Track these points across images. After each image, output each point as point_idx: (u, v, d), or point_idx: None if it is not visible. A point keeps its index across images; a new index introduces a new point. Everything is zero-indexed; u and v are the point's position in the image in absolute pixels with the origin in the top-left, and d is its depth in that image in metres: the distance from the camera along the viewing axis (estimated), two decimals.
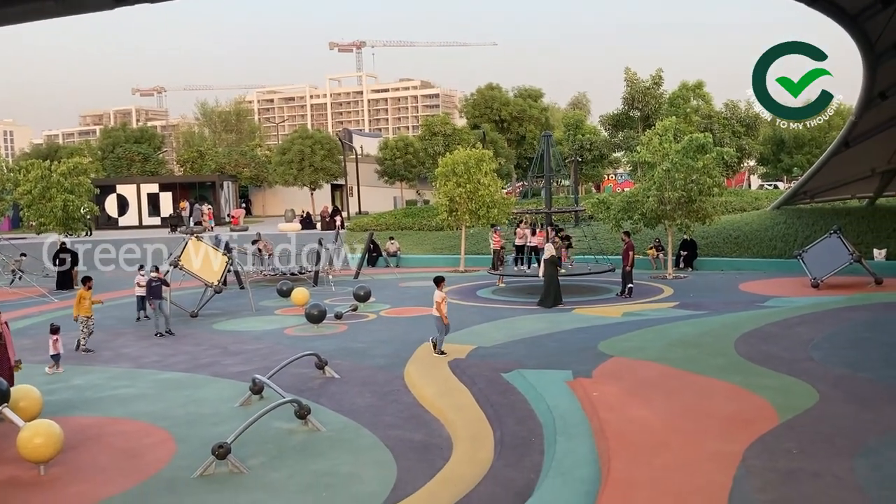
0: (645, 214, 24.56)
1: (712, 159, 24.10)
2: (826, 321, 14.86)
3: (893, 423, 8.49)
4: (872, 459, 7.34)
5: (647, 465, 7.40)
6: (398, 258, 31.74)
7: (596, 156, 51.20)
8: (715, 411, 9.19)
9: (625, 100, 47.36)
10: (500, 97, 58.58)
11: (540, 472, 7.64)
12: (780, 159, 51.47)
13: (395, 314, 18.44)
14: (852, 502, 6.38)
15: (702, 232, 27.27)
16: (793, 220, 27.69)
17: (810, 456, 7.49)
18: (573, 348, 13.27)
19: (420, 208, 43.91)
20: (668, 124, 26.44)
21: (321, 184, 52.39)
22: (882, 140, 23.81)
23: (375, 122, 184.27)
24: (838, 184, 27.16)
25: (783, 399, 9.47)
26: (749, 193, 40.75)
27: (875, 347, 12.51)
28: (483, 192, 27.85)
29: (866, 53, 18.46)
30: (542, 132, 26.71)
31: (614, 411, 9.24)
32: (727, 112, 43.38)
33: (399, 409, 10.35)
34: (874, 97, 20.78)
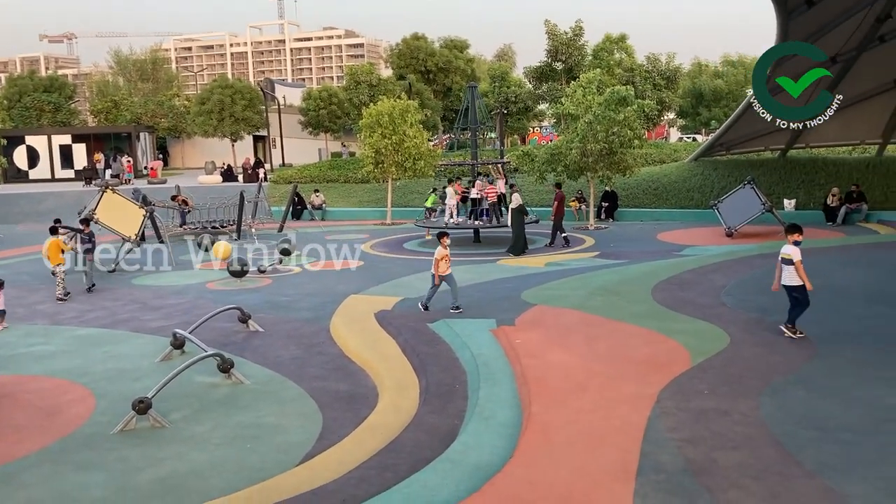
0: (568, 166, 24.89)
1: (633, 112, 24.48)
2: (738, 268, 15.48)
3: (797, 363, 8.96)
4: (777, 398, 7.75)
5: (566, 407, 7.64)
6: (323, 211, 31.43)
7: (521, 108, 51.43)
8: (632, 355, 9.51)
9: (548, 52, 47.51)
10: (425, 48, 57.86)
11: (464, 417, 7.80)
12: (698, 112, 52.69)
13: (321, 267, 18.31)
14: (757, 437, 6.73)
15: (623, 183, 27.85)
16: (709, 171, 28.51)
17: (720, 396, 7.85)
18: (497, 298, 13.47)
19: (345, 160, 43.43)
20: (591, 77, 26.68)
21: (242, 135, 51.06)
22: None
23: (299, 73, 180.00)
24: (752, 136, 28.04)
25: (696, 343, 9.87)
26: (669, 146, 41.69)
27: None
28: (409, 143, 27.69)
29: (780, 9, 18.96)
30: (468, 84, 26.56)
31: (536, 357, 9.47)
32: (649, 65, 43.99)
33: (324, 361, 10.35)
34: None
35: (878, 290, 13.10)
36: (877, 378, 8.28)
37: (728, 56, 58.19)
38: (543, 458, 6.44)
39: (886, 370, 8.55)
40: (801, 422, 7.06)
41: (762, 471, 6.04)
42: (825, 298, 12.52)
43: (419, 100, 42.72)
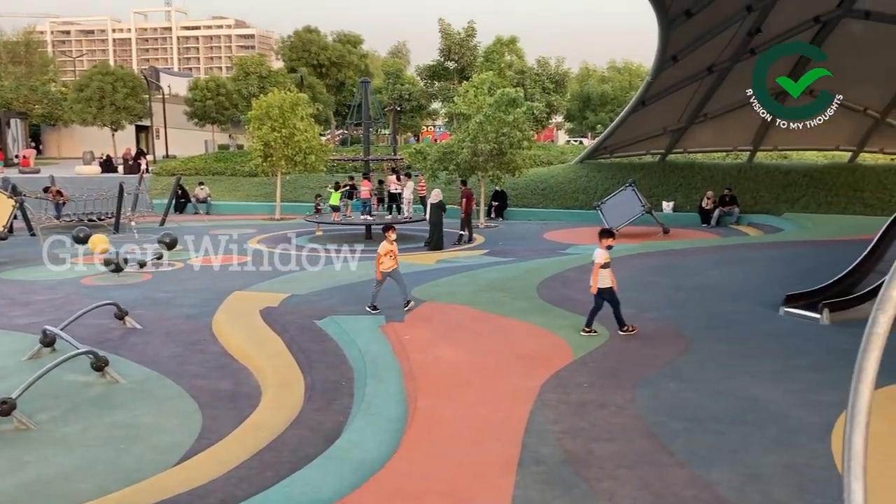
0: (459, 165, 25.17)
1: (523, 114, 25.03)
2: (619, 266, 15.93)
3: (671, 356, 9.38)
4: (651, 390, 8.09)
5: (451, 401, 7.71)
6: (208, 205, 30.53)
7: (414, 106, 51.59)
8: (517, 350, 9.70)
9: (441, 51, 47.88)
10: (318, 41, 57.17)
11: (349, 414, 7.75)
12: (585, 116, 54.41)
13: (205, 262, 17.77)
14: (632, 428, 7.00)
15: (512, 183, 28.40)
16: (594, 173, 29.48)
17: (598, 388, 8.12)
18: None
19: (233, 153, 42.36)
20: (483, 78, 27.09)
21: (124, 124, 48.96)
22: (673, 101, 25.83)
23: (186, 62, 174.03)
24: (635, 140, 29.20)
25: (578, 338, 10.17)
26: (556, 148, 42.86)
27: (660, 290, 13.73)
28: (300, 137, 27.28)
29: (661, 18, 19.80)
30: (360, 79, 26.42)
31: (424, 353, 9.51)
32: (538, 69, 45.05)
33: (206, 359, 10.05)
34: (667, 60, 22.42)
35: (745, 287, 13.89)
36: (742, 371, 8.78)
37: (614, 62, 60.37)
38: (428, 452, 6.48)
39: (750, 363, 9.08)
40: (673, 413, 7.40)
41: (636, 461, 6.28)
42: (699, 296, 13.22)
43: (311, 93, 42.20)
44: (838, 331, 10.67)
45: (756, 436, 6.84)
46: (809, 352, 9.59)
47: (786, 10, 21.47)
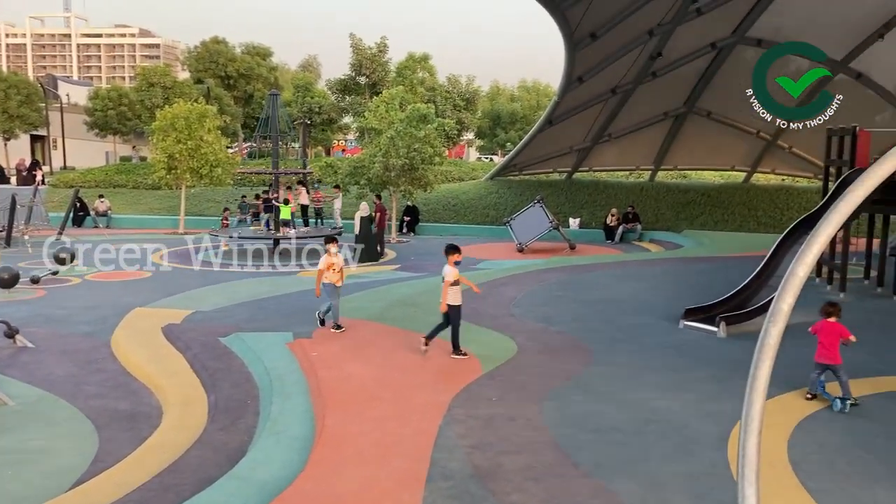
0: (371, 180, 25.09)
1: (434, 130, 25.19)
2: (527, 281, 16.31)
3: (576, 369, 9.58)
4: (557, 402, 8.23)
5: (359, 418, 7.63)
6: (109, 218, 29.38)
7: (325, 120, 51.21)
8: (427, 365, 9.71)
9: (353, 66, 47.77)
10: (226, 52, 56.07)
11: (254, 433, 7.57)
12: (495, 134, 55.23)
13: (104, 278, 17.08)
14: (539, 441, 7.10)
15: (423, 199, 28.50)
16: (504, 190, 29.92)
17: (507, 402, 8.20)
18: (295, 310, 13.25)
19: (135, 165, 40.99)
20: (394, 93, 27.17)
21: (17, 133, 46.62)
22: (579, 121, 26.54)
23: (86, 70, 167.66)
24: (543, 158, 29.81)
25: (487, 352, 10.26)
26: (467, 164, 43.31)
27: (566, 304, 14.01)
28: (206, 149, 26.63)
29: (567, 40, 20.35)
30: (269, 92, 26.04)
31: (332, 369, 9.40)
32: (449, 86, 45.50)
33: (104, 378, 9.64)
34: (573, 80, 23.03)
35: (647, 301, 14.32)
36: (644, 382, 9.05)
37: (524, 81, 61.64)
38: (335, 470, 6.39)
39: (651, 375, 9.37)
40: (579, 424, 7.55)
41: (543, 473, 6.37)
42: (603, 310, 13.55)
43: (218, 105, 41.30)
44: (734, 343, 11.13)
45: (657, 446, 7.05)
46: (707, 363, 9.97)
47: (685, 35, 22.42)
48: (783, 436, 7.33)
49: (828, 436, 7.40)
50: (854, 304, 14.15)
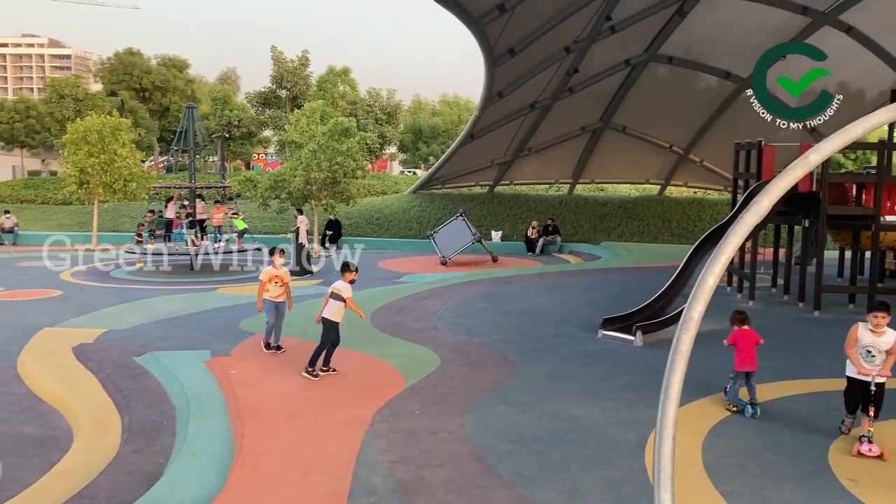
0: (292, 194, 24.81)
1: (356, 143, 25.13)
2: (450, 294, 16.38)
3: (499, 380, 9.65)
4: (480, 414, 8.27)
5: (279, 436, 7.50)
6: (15, 235, 28.11)
7: (244, 133, 50.40)
8: (349, 381, 9.62)
9: (273, 78, 47.25)
10: (141, 64, 54.61)
11: (170, 455, 7.34)
12: (418, 148, 55.43)
13: (9, 297, 16.31)
14: (462, 453, 7.12)
15: (346, 212, 28.35)
16: (427, 203, 30.03)
17: (430, 415, 8.20)
18: (214, 327, 12.94)
19: (45, 179, 39.40)
20: (315, 106, 26.98)
21: None
22: (500, 135, 26.90)
23: None
24: (465, 172, 30.08)
25: (410, 365, 10.24)
26: (390, 178, 43.30)
27: (488, 316, 14.12)
28: (120, 163, 25.86)
29: (487, 56, 20.62)
30: (186, 104, 25.48)
31: (251, 387, 9.21)
32: (370, 100, 45.48)
33: (9, 402, 9.20)
34: (493, 95, 23.34)
35: (567, 312, 14.58)
36: (564, 392, 9.19)
37: (446, 96, 62.12)
38: (254, 490, 6.25)
39: (571, 384, 9.53)
40: (501, 435, 7.60)
41: (465, 485, 6.38)
42: (525, 321, 13.71)
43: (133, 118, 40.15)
44: (650, 351, 11.43)
45: (577, 454, 7.16)
46: (624, 372, 10.20)
47: (600, 52, 23.03)
48: (698, 440, 7.56)
49: (740, 439, 7.66)
50: (762, 311, 14.74)
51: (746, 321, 8.78)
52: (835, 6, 20.68)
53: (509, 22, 19.16)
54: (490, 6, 18.32)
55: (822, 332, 13.05)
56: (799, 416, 8.43)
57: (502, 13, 18.35)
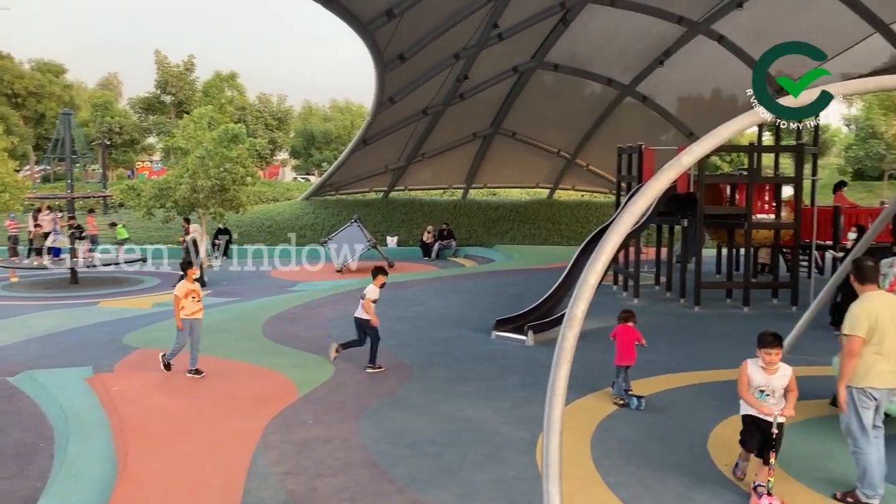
0: (178, 202, 23.99)
1: (245, 150, 24.55)
2: (344, 301, 16.25)
3: (394, 386, 9.65)
4: (374, 420, 8.24)
5: (166, 453, 7.23)
6: None
7: (127, 140, 48.43)
8: (240, 393, 9.39)
9: (157, 84, 45.68)
10: (12, 69, 51.57)
11: (48, 479, 6.95)
12: (310, 154, 54.75)
13: None
14: (355, 460, 7.07)
15: (236, 221, 27.66)
16: (321, 210, 29.70)
17: (323, 424, 8.10)
18: (95, 343, 12.37)
19: None
20: (203, 112, 26.21)
21: None
22: (393, 140, 26.93)
23: None
24: (359, 178, 29.94)
25: (303, 375, 10.09)
26: (282, 185, 42.64)
27: (383, 321, 13.77)
28: None
29: (377, 61, 20.60)
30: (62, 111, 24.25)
31: (136, 404, 8.85)
32: (260, 105, 44.64)
33: None
34: (385, 101, 23.34)
35: (462, 315, 14.74)
36: (458, 393, 9.28)
37: (336, 101, 61.61)
38: None
39: (465, 386, 9.64)
40: (395, 440, 7.60)
41: (358, 492, 6.34)
42: (420, 325, 13.78)
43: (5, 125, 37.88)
44: (541, 350, 11.69)
45: (470, 454, 7.24)
46: (516, 371, 10.40)
47: (489, 59, 23.41)
48: (586, 435, 7.78)
49: (626, 432, 7.93)
50: (647, 308, 15.35)
51: (630, 319, 9.13)
52: (707, 16, 21.79)
53: (398, 28, 19.22)
54: (378, 12, 18.31)
55: (702, 327, 13.71)
56: (681, 408, 8.81)
57: (391, 19, 18.38)
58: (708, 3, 21.23)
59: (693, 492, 6.39)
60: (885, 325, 6.02)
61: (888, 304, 6.13)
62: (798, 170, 16.01)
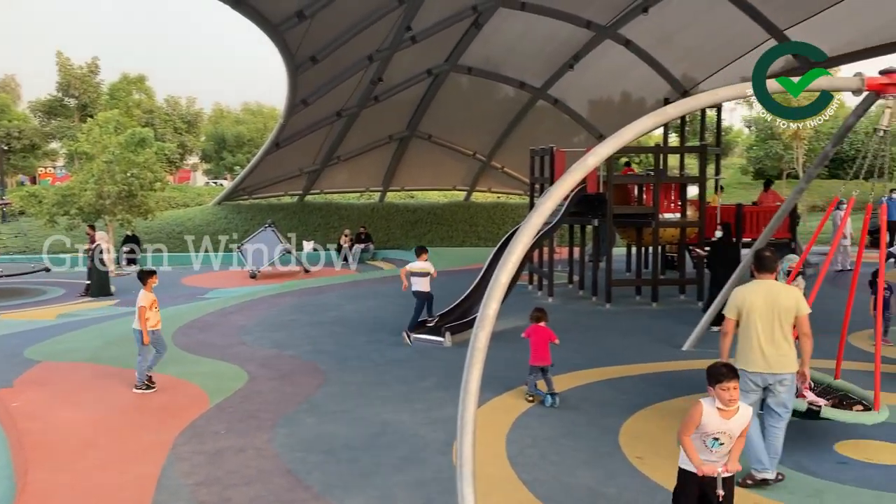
0: (83, 209, 23.14)
1: (153, 154, 23.92)
2: (259, 308, 15.98)
3: (310, 392, 9.54)
4: (289, 427, 8.13)
5: (71, 469, 6.96)
6: None
7: (27, 145, 46.29)
8: (150, 405, 9.12)
9: (60, 86, 43.87)
10: None
11: None
12: (222, 157, 53.58)
13: None
14: (270, 469, 6.96)
15: (145, 227, 26.85)
16: (233, 215, 29.09)
17: (237, 433, 7.94)
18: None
19: None
20: (109, 116, 25.38)
21: None
22: (307, 143, 26.64)
23: None
24: (273, 181, 29.45)
25: (216, 383, 9.87)
26: (193, 189, 41.58)
27: (299, 327, 13.92)
28: None
29: (288, 63, 20.34)
30: None
31: (37, 420, 8.48)
32: (169, 108, 43.42)
33: None
34: (297, 103, 23.06)
35: (380, 318, 14.69)
36: (375, 397, 9.25)
37: (249, 104, 60.47)
38: None
39: (382, 389, 9.61)
40: (311, 447, 7.51)
41: (273, 501, 6.25)
42: (337, 330, 13.66)
43: None
44: (459, 351, 11.65)
45: (387, 458, 7.23)
46: (434, 373, 10.43)
47: (403, 61, 23.42)
48: (502, 433, 7.88)
49: (541, 429, 8.07)
50: (561, 306, 15.66)
51: (542, 318, 9.28)
52: (614, 21, 22.37)
53: (310, 29, 19.01)
54: (289, 13, 18.08)
55: (613, 323, 14.08)
56: (593, 403, 9.02)
57: (302, 20, 18.17)
58: (615, 8, 21.80)
59: (604, 486, 6.55)
60: (756, 311, 6.31)
61: (766, 293, 6.39)
62: (702, 169, 16.64)
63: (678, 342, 11.58)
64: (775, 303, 6.31)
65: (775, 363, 6.29)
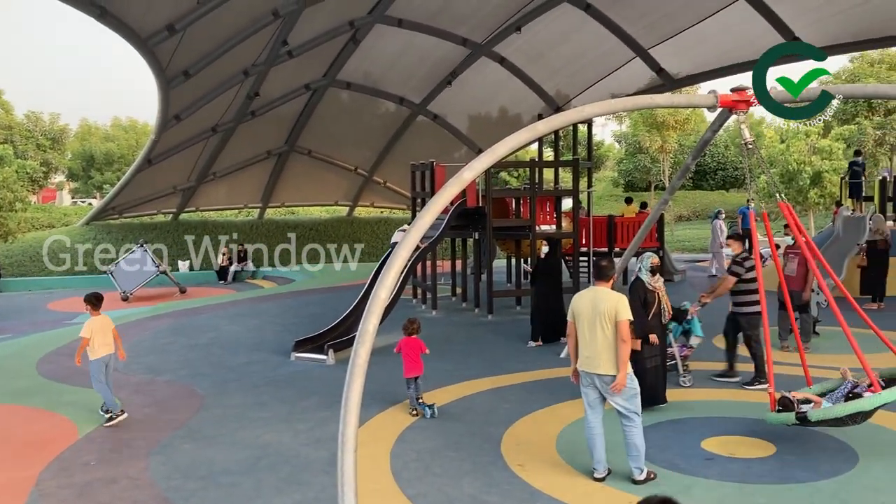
0: None
1: (13, 172, 22.55)
2: (131, 332, 15.26)
3: (187, 417, 9.21)
4: (165, 454, 7.82)
5: None
6: None
7: None
8: (11, 438, 8.57)
9: None
10: None
11: None
12: (90, 175, 51.03)
13: None
14: (144, 497, 6.67)
15: (6, 250, 25.23)
16: (103, 235, 27.75)
17: (108, 464, 7.57)
18: None
19: None
20: None
21: None
22: (181, 159, 25.79)
23: None
24: (145, 200, 28.28)
25: (85, 414, 9.36)
26: (59, 209, 39.37)
27: (174, 351, 13.42)
28: None
29: (159, 77, 19.66)
30: None
31: None
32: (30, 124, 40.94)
33: None
34: (170, 119, 22.29)
35: (260, 338, 14.36)
36: (255, 419, 9.03)
37: (119, 119, 57.83)
38: None
39: (262, 411, 9.40)
40: (188, 473, 7.26)
41: None
42: (215, 352, 13.26)
43: None
44: (343, 368, 11.52)
45: (269, 480, 7.08)
46: (317, 392, 10.29)
47: (280, 76, 23.08)
48: (386, 449, 7.87)
49: (424, 442, 8.10)
50: (444, 318, 15.84)
51: (413, 331, 9.36)
52: (489, 39, 22.91)
53: (182, 43, 18.43)
54: (159, 26, 17.44)
55: (495, 334, 14.34)
56: (477, 413, 9.15)
57: (172, 34, 17.58)
58: (489, 26, 22.32)
59: (486, 495, 6.66)
60: (582, 315, 6.86)
61: (591, 298, 6.90)
62: (575, 183, 17.25)
63: (557, 350, 11.94)
64: (595, 308, 6.80)
65: (594, 364, 6.79)
